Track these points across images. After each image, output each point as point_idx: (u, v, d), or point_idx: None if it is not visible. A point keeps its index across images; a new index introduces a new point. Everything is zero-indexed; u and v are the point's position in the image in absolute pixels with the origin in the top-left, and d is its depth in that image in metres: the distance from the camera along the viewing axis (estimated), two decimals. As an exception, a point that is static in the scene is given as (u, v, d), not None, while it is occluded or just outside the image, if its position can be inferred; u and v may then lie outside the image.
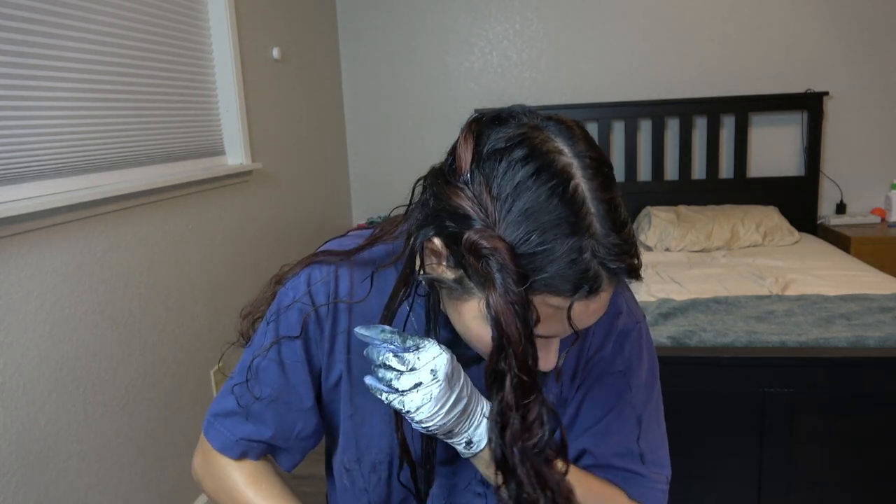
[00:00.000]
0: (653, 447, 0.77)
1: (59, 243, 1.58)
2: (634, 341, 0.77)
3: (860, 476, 1.59)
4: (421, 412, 0.62)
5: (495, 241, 0.54)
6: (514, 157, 0.56)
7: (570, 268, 0.54)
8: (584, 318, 0.58)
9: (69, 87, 1.67)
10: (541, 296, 0.55)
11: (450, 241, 0.59)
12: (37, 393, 1.49)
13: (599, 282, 0.55)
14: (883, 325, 1.72)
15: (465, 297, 0.61)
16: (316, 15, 3.28)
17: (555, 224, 0.54)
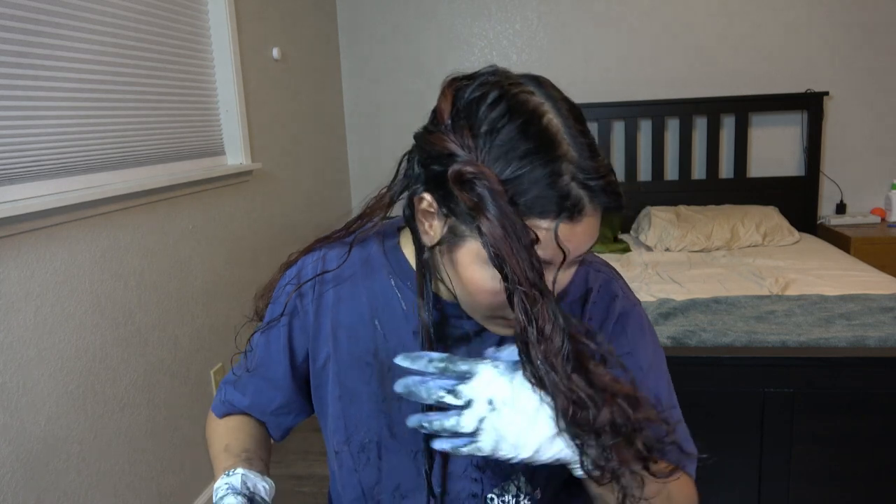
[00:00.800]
0: (678, 426, 0.77)
1: (59, 243, 1.58)
2: (635, 322, 0.77)
3: (860, 476, 1.59)
4: (504, 450, 0.61)
5: (480, 167, 0.58)
6: (490, 100, 0.60)
7: (550, 189, 0.57)
8: (573, 241, 0.59)
9: (69, 87, 1.67)
10: (527, 220, 0.58)
11: (438, 188, 0.62)
12: (37, 393, 1.49)
13: (581, 203, 0.58)
14: (883, 325, 1.72)
15: (458, 245, 0.63)
16: (316, 15, 3.28)
17: (532, 152, 0.57)
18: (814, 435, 1.58)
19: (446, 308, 0.75)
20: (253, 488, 0.75)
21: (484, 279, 0.62)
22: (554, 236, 0.58)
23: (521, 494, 0.77)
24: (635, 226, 3.28)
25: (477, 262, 0.62)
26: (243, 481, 0.74)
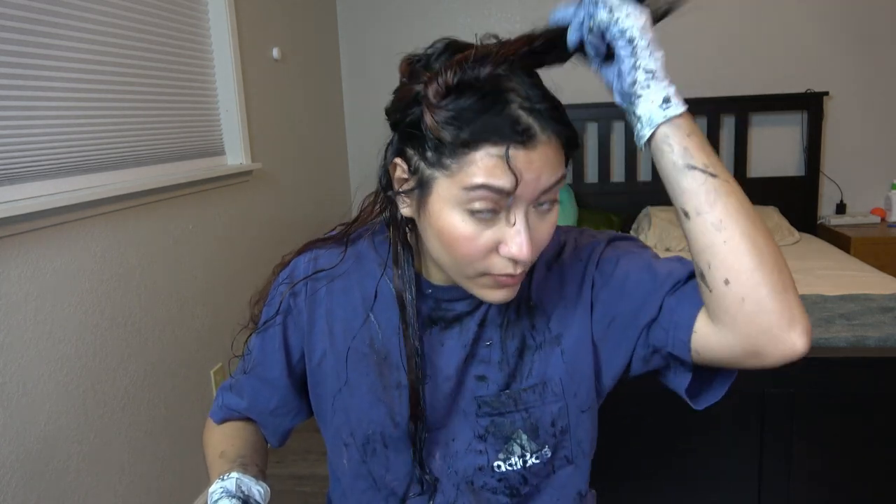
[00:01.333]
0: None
1: (59, 243, 1.58)
2: (611, 247, 0.79)
3: (860, 476, 1.59)
4: (629, 16, 0.68)
5: (430, 76, 0.64)
6: (440, 49, 0.68)
7: (498, 116, 0.62)
8: (531, 169, 0.62)
9: (69, 87, 1.67)
10: (483, 147, 0.62)
11: (407, 143, 0.67)
12: (37, 393, 1.50)
13: (532, 130, 0.62)
14: (883, 325, 1.72)
15: (429, 193, 0.66)
16: (316, 15, 3.28)
17: (483, 85, 0.63)
18: (814, 435, 1.58)
19: (438, 292, 0.77)
20: (247, 491, 0.75)
21: (455, 223, 0.65)
22: (506, 159, 0.61)
23: (528, 454, 0.77)
24: (635, 226, 3.28)
25: (447, 205, 0.65)
26: (237, 485, 0.75)
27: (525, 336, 0.77)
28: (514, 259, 0.65)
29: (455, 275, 0.70)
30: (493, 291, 0.69)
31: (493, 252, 0.66)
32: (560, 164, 0.66)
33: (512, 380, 0.77)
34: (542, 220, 0.68)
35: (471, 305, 0.77)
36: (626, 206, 3.34)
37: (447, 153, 0.64)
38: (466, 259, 0.66)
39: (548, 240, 0.69)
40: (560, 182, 0.67)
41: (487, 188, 0.62)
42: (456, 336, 0.78)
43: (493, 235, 0.65)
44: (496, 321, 0.77)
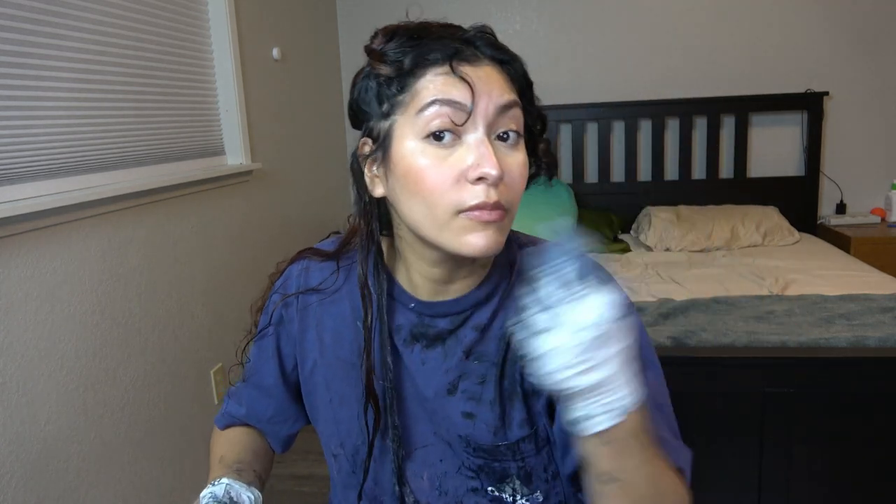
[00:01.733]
0: (658, 405, 0.71)
1: (59, 243, 1.58)
2: None
3: (860, 476, 1.59)
4: None
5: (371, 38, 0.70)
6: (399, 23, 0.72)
7: (439, 42, 0.67)
8: (476, 82, 0.64)
9: (69, 87, 1.67)
10: (428, 70, 0.65)
11: (364, 112, 0.70)
12: (37, 393, 1.49)
13: (471, 50, 0.66)
14: (883, 325, 1.72)
15: (390, 142, 0.67)
16: (316, 15, 3.28)
17: (420, 27, 0.69)
18: (814, 435, 1.58)
19: (421, 307, 0.75)
20: (236, 497, 0.75)
21: (416, 156, 0.65)
22: (450, 70, 0.64)
23: (519, 496, 0.76)
24: (635, 226, 3.28)
25: (408, 141, 0.65)
26: (227, 491, 0.75)
27: (516, 379, 0.74)
28: (483, 177, 0.62)
29: (432, 229, 0.66)
30: (474, 236, 0.64)
31: (461, 181, 0.63)
32: (511, 89, 0.68)
33: (500, 424, 0.74)
34: (509, 156, 0.66)
35: (453, 323, 0.75)
36: (626, 205, 3.34)
37: (397, 89, 0.66)
38: (435, 195, 0.64)
39: (520, 180, 0.67)
40: (515, 107, 0.67)
41: (440, 102, 0.63)
42: (439, 358, 0.75)
43: (456, 161, 0.64)
44: (493, 358, 0.74)
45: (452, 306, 0.74)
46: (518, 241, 0.79)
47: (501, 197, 0.64)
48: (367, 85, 0.69)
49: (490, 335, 0.74)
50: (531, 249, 0.77)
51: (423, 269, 0.73)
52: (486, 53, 0.67)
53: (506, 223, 0.67)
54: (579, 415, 0.57)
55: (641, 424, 0.59)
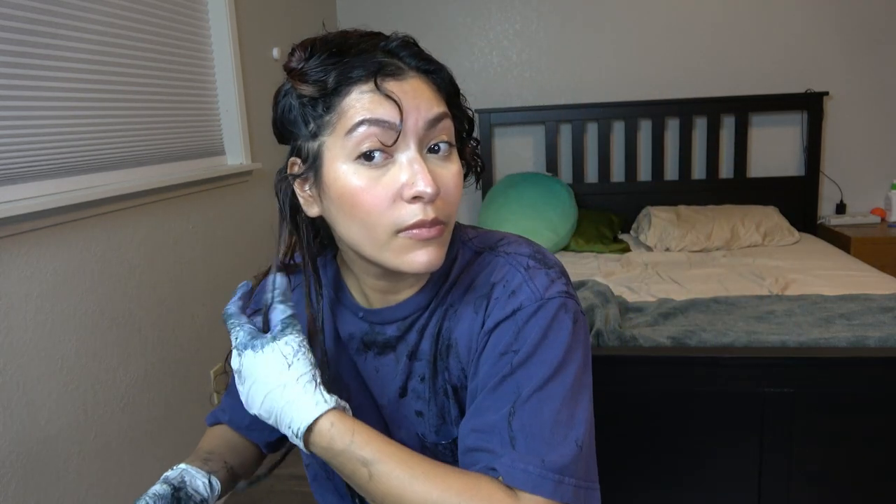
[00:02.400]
0: (530, 432, 0.64)
1: (59, 243, 1.58)
2: (527, 318, 0.68)
3: (860, 476, 1.59)
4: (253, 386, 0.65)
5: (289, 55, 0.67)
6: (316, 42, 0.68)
7: (360, 57, 0.64)
8: (403, 97, 0.63)
9: (69, 87, 1.67)
10: (353, 88, 0.63)
11: (290, 131, 0.69)
12: (37, 393, 1.50)
13: (395, 64, 0.64)
14: (883, 325, 1.72)
15: (321, 162, 0.66)
16: (316, 15, 3.28)
17: (339, 44, 0.65)
18: (814, 435, 1.58)
19: (369, 315, 0.76)
20: (190, 482, 0.76)
21: (349, 178, 0.64)
22: (375, 88, 0.62)
23: None
24: (635, 226, 3.28)
25: (338, 163, 0.64)
26: (180, 475, 0.77)
27: (445, 376, 0.74)
28: (419, 195, 0.62)
29: (371, 248, 0.65)
30: (415, 254, 0.64)
31: (398, 201, 0.63)
32: (439, 101, 0.66)
33: (442, 421, 0.75)
34: (443, 168, 0.66)
35: (400, 330, 0.75)
36: (626, 206, 3.34)
37: (323, 109, 0.64)
38: (373, 216, 0.63)
39: (455, 191, 0.67)
40: (445, 118, 0.66)
41: (368, 122, 0.62)
42: (391, 364, 0.76)
43: (391, 181, 0.63)
44: (427, 356, 0.74)
45: (397, 312, 0.75)
46: (462, 237, 0.77)
47: (439, 212, 0.64)
48: (290, 103, 0.67)
49: (426, 334, 0.75)
50: (478, 245, 0.76)
51: (369, 282, 0.74)
52: (411, 65, 0.65)
53: (445, 236, 0.67)
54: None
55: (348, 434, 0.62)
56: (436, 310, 0.74)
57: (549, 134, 3.38)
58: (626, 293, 2.27)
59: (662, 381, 1.62)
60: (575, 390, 0.67)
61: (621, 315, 1.89)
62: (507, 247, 0.74)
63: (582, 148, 3.38)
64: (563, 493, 0.62)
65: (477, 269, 0.73)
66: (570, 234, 3.04)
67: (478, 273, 0.73)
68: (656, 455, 1.65)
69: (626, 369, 1.61)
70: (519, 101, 3.46)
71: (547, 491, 0.62)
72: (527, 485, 0.62)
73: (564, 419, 0.65)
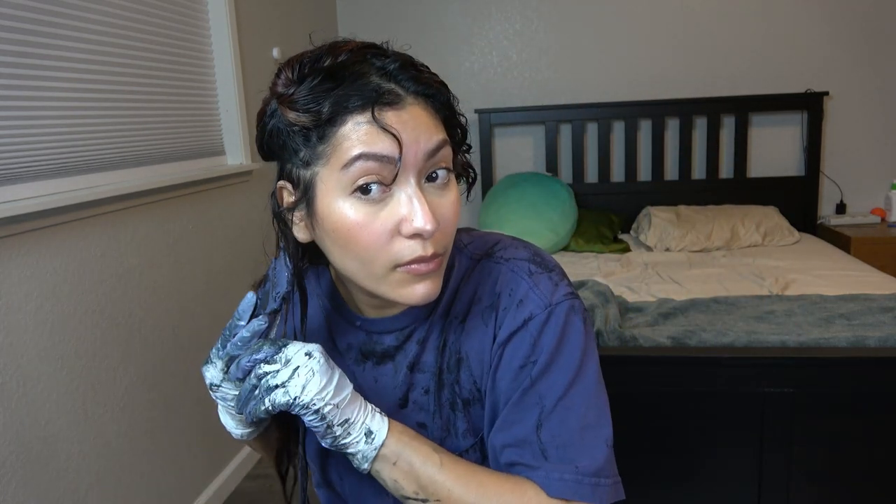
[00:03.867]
0: (560, 442, 0.66)
1: (59, 243, 1.58)
2: (541, 327, 0.68)
3: (860, 476, 1.59)
4: (308, 391, 0.61)
5: (275, 76, 0.64)
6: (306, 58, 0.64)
7: (355, 84, 0.60)
8: (402, 129, 0.60)
9: (69, 87, 1.67)
10: (348, 118, 0.59)
11: (278, 155, 0.65)
12: (37, 393, 1.49)
13: (394, 91, 0.60)
14: (883, 325, 1.72)
15: (314, 194, 0.63)
16: (316, 15, 3.28)
17: (330, 67, 0.61)
18: (814, 435, 1.58)
19: (367, 325, 0.75)
20: None
21: (346, 213, 0.61)
22: (372, 119, 0.59)
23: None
24: (635, 226, 3.28)
25: (333, 197, 0.61)
26: None
27: (455, 389, 0.73)
28: (419, 233, 0.60)
29: (367, 281, 0.64)
30: (413, 287, 0.64)
31: (395, 237, 0.61)
32: (438, 128, 0.63)
33: (447, 434, 0.74)
34: (441, 197, 0.64)
35: (398, 339, 0.74)
36: (626, 206, 3.35)
37: (316, 139, 0.60)
38: (370, 252, 0.62)
39: (453, 221, 0.65)
40: (444, 146, 0.63)
41: (365, 157, 0.59)
42: (390, 374, 0.75)
43: (389, 216, 0.61)
44: (431, 368, 0.73)
45: (396, 322, 0.74)
46: (457, 243, 0.75)
47: (437, 246, 0.63)
48: (278, 127, 0.63)
49: (429, 346, 0.74)
50: (474, 251, 0.75)
51: (363, 298, 0.73)
52: (410, 90, 0.61)
53: (442, 267, 0.66)
54: (362, 436, 0.64)
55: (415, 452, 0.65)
56: (437, 321, 0.73)
57: (549, 134, 3.38)
58: (626, 293, 2.27)
59: (662, 381, 1.62)
60: (597, 390, 0.69)
61: (621, 315, 1.89)
62: (505, 252, 0.73)
63: (582, 148, 3.38)
64: (601, 495, 0.66)
65: (477, 278, 0.73)
66: (570, 234, 3.04)
67: (479, 283, 0.72)
68: (656, 455, 1.65)
69: (626, 369, 1.61)
70: (519, 101, 3.46)
71: (587, 495, 0.65)
72: (566, 493, 0.65)
73: (591, 422, 0.68)
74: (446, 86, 0.66)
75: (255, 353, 0.62)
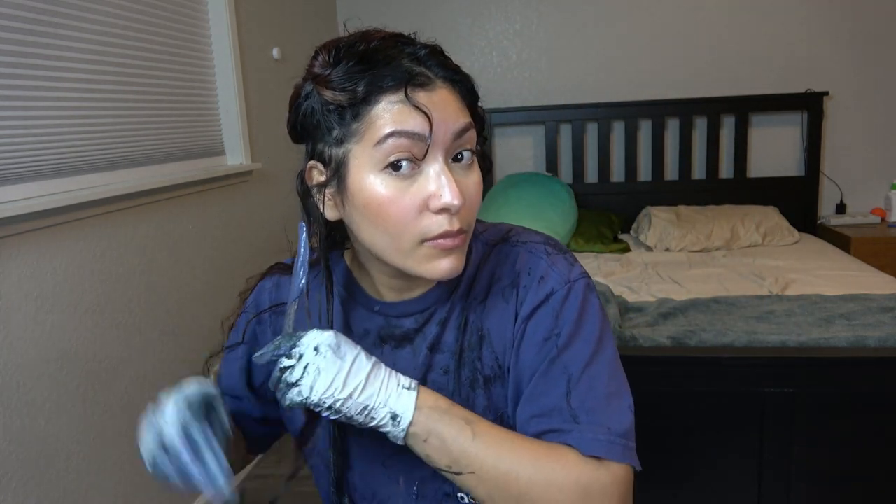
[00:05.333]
0: (589, 407, 0.68)
1: (59, 243, 1.58)
2: (562, 301, 0.71)
3: (860, 476, 1.59)
4: (316, 390, 0.62)
5: (311, 59, 0.68)
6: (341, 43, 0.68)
7: (389, 66, 0.63)
8: (433, 108, 0.63)
9: (69, 87, 1.67)
10: (382, 97, 0.63)
11: (310, 136, 0.68)
12: (37, 393, 1.49)
13: (425, 73, 0.64)
14: (883, 325, 1.72)
15: (346, 171, 0.66)
16: (316, 15, 3.28)
17: (364, 51, 0.64)
18: (814, 435, 1.58)
19: (386, 309, 0.76)
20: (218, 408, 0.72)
21: (377, 188, 0.64)
22: (405, 98, 0.62)
23: None
24: (635, 226, 3.28)
25: (365, 173, 0.64)
26: (218, 393, 0.74)
27: (476, 366, 0.74)
28: (447, 208, 0.63)
29: (395, 256, 0.67)
30: (438, 262, 0.66)
31: (424, 212, 0.64)
32: (464, 111, 0.67)
33: None
34: (466, 177, 0.67)
35: (418, 322, 0.76)
36: (626, 205, 3.35)
37: (350, 117, 0.64)
38: (399, 226, 0.64)
39: (477, 199, 0.69)
40: (470, 129, 0.67)
41: (398, 134, 0.62)
42: (409, 357, 0.76)
43: (418, 191, 0.64)
44: (451, 348, 0.75)
45: (415, 305, 0.75)
46: (475, 230, 0.78)
47: (463, 222, 0.66)
48: (312, 107, 0.67)
49: (449, 326, 0.75)
50: (489, 237, 0.78)
51: (385, 280, 0.75)
52: (439, 74, 0.66)
53: (466, 244, 0.69)
54: (388, 418, 0.64)
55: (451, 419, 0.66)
56: (457, 302, 0.75)
57: (549, 134, 3.38)
58: (626, 293, 2.27)
59: (662, 381, 1.62)
60: (616, 361, 0.73)
61: (621, 315, 1.89)
62: (520, 237, 0.77)
63: (582, 148, 3.38)
64: (630, 455, 0.68)
65: (495, 260, 0.75)
66: (570, 234, 3.04)
67: (498, 264, 0.75)
68: (656, 455, 1.65)
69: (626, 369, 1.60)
70: (519, 101, 3.46)
71: (619, 455, 0.67)
72: (601, 451, 0.66)
73: (615, 390, 0.71)
74: (470, 76, 0.69)
75: (276, 349, 0.65)
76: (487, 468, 0.65)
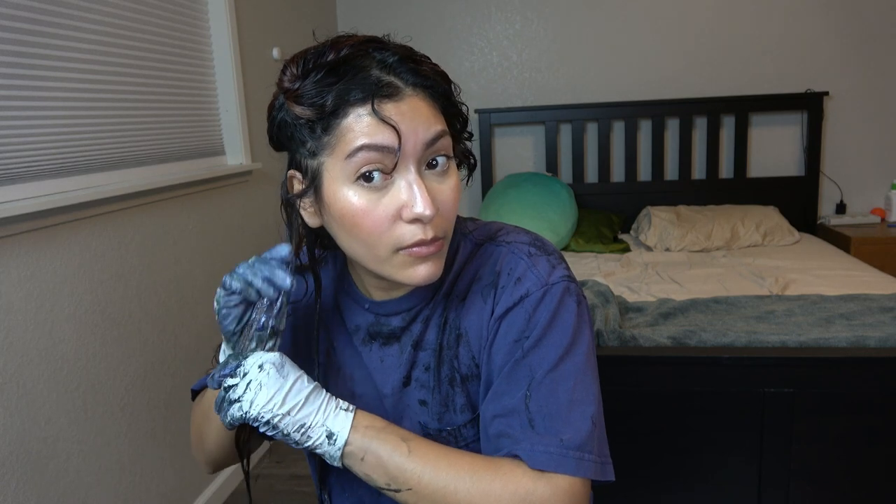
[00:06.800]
0: (547, 412, 0.67)
1: (59, 243, 1.58)
2: (536, 304, 0.70)
3: (860, 476, 1.59)
4: (256, 404, 0.64)
5: (281, 72, 0.67)
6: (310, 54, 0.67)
7: (357, 78, 0.63)
8: (401, 120, 0.63)
9: (69, 87, 1.67)
10: (350, 110, 0.63)
11: (287, 146, 0.69)
12: (37, 393, 1.50)
13: (393, 83, 0.63)
14: (883, 325, 1.72)
15: (321, 182, 0.66)
16: (316, 15, 3.28)
17: (332, 62, 0.63)
18: (814, 435, 1.58)
19: (375, 307, 0.78)
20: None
21: (350, 200, 0.65)
22: (372, 112, 0.62)
23: None
24: (635, 226, 3.28)
25: (338, 185, 0.65)
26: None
27: (454, 365, 0.75)
28: (419, 218, 0.64)
29: (372, 263, 0.68)
30: (415, 269, 0.67)
31: (397, 221, 0.65)
32: (437, 118, 0.66)
33: (445, 409, 0.76)
34: (441, 183, 0.67)
35: (405, 320, 0.77)
36: (626, 206, 3.35)
37: (321, 130, 0.64)
38: (373, 236, 0.65)
39: (453, 206, 0.68)
40: (443, 136, 0.66)
41: (367, 148, 0.62)
42: (395, 354, 0.78)
43: (391, 202, 0.64)
44: (433, 345, 0.76)
45: (402, 304, 0.77)
46: (462, 229, 0.79)
47: (437, 230, 0.66)
48: (285, 120, 0.67)
49: (432, 324, 0.76)
50: (477, 236, 0.79)
51: (371, 281, 0.76)
52: (409, 81, 0.65)
53: (444, 249, 0.69)
54: (324, 437, 0.65)
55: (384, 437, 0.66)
56: (440, 301, 0.76)
57: (549, 134, 3.38)
58: (626, 293, 2.27)
59: (662, 381, 1.62)
60: (585, 369, 0.70)
61: (621, 315, 1.89)
62: (507, 236, 0.77)
63: (582, 148, 3.38)
64: (584, 468, 0.67)
65: (479, 259, 0.76)
66: (570, 234, 3.04)
67: (481, 264, 0.75)
68: (656, 455, 1.65)
69: (626, 369, 1.61)
70: (519, 101, 3.46)
71: (570, 468, 0.66)
72: (549, 465, 0.65)
73: (579, 397, 0.69)
74: (446, 76, 0.68)
75: (222, 368, 0.66)
76: (425, 483, 0.65)
